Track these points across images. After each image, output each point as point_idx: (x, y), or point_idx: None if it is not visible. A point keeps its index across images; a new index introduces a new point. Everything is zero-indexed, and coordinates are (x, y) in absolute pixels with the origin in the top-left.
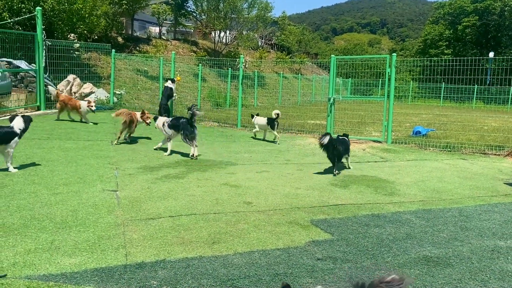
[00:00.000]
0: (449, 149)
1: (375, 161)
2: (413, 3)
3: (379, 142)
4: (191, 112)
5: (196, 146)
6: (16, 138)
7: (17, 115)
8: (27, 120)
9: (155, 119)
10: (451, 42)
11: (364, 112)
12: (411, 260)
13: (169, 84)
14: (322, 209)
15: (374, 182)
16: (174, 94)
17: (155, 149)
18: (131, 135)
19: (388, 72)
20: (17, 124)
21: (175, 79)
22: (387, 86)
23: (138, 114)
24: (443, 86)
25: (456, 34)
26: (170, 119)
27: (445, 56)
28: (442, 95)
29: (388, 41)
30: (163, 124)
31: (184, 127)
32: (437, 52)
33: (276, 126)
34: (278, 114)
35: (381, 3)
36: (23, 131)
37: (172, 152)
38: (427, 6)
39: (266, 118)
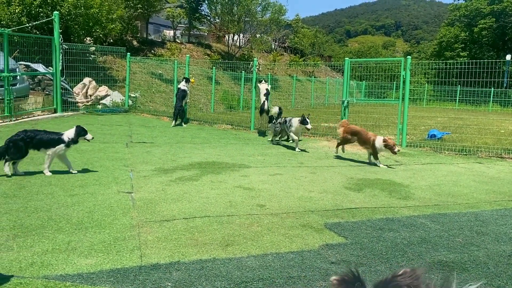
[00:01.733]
0: (465, 153)
1: (390, 165)
2: (428, 5)
3: None
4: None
5: None
6: (62, 145)
7: (78, 126)
8: (78, 133)
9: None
10: (467, 44)
11: (379, 115)
12: (426, 264)
13: (182, 85)
14: (335, 213)
15: (389, 185)
16: (187, 92)
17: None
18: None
19: (403, 75)
20: (69, 133)
21: (190, 80)
22: (401, 89)
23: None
24: (459, 89)
25: (472, 36)
26: None
27: (461, 59)
28: (457, 98)
29: (403, 43)
30: None
31: None
32: (453, 54)
33: None
34: None
35: (395, 5)
36: (72, 141)
37: (186, 155)
38: (442, 8)
39: None
